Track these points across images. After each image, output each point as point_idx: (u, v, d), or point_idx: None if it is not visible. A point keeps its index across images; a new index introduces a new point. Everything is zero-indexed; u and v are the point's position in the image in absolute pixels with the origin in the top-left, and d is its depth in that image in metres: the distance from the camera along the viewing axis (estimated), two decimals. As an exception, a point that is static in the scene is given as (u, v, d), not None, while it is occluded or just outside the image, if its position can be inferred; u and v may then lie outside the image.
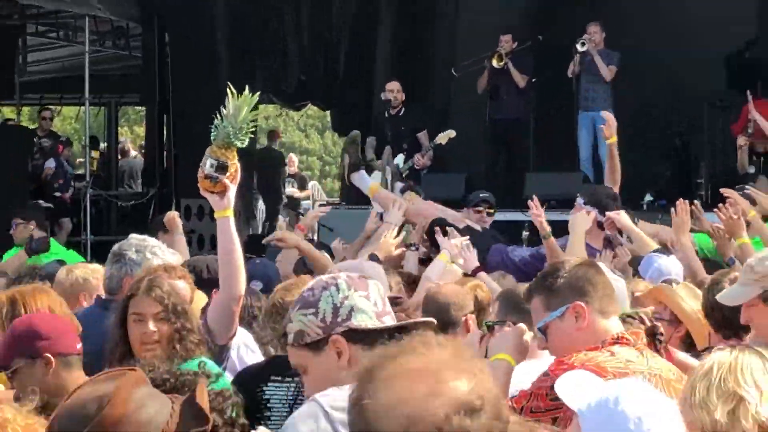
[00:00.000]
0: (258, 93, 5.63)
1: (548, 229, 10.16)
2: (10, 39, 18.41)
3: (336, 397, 3.78)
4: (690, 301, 6.93)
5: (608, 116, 11.92)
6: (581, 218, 9.58)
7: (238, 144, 5.42)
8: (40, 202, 16.12)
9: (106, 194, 20.04)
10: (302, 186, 25.88)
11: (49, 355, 5.40)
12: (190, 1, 18.47)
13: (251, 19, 18.85)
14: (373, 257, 9.14)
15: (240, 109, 5.39)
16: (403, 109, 17.79)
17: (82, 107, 22.00)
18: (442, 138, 16.99)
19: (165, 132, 19.43)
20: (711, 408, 4.19)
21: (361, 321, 3.93)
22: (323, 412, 3.85)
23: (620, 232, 11.32)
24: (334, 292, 3.96)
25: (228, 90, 5.43)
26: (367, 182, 14.88)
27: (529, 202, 10.47)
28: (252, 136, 5.58)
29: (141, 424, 3.11)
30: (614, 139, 11.88)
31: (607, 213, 10.22)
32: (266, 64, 19.78)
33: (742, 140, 16.20)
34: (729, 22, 18.56)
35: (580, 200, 11.68)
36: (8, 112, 22.11)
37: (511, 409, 4.25)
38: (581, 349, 4.99)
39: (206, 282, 6.15)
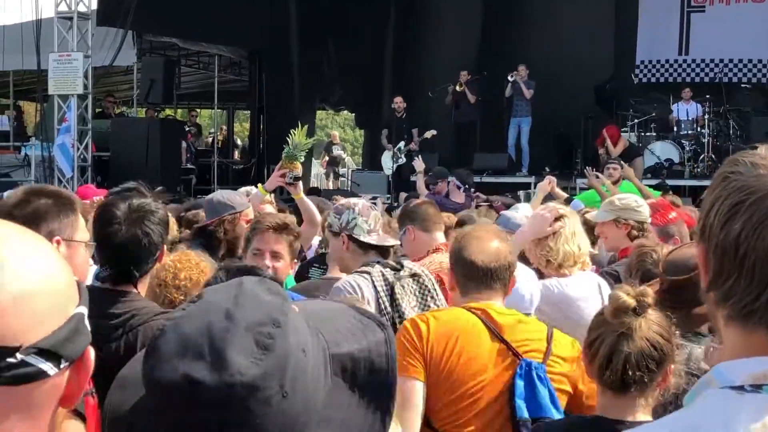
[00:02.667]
0: (306, 126, 5.81)
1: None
2: (171, 67, 18.28)
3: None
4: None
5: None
6: (542, 185, 8.90)
7: (300, 158, 5.57)
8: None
9: (226, 161, 19.87)
10: (343, 149, 25.19)
11: None
12: (276, 47, 18.32)
13: (312, 60, 18.62)
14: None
15: (299, 138, 5.54)
16: (404, 114, 17.90)
17: (212, 110, 21.59)
18: (428, 134, 17.41)
19: (261, 125, 19.24)
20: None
21: (356, 233, 4.14)
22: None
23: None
24: (350, 212, 4.18)
25: (298, 125, 5.62)
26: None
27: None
28: (307, 151, 5.73)
29: None
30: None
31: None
32: (321, 85, 19.41)
33: (601, 150, 16.37)
34: (598, 65, 19.09)
35: (452, 178, 11.67)
36: (170, 111, 21.96)
37: None
38: (420, 255, 4.68)
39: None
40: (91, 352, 1.11)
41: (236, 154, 24.30)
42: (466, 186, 11.73)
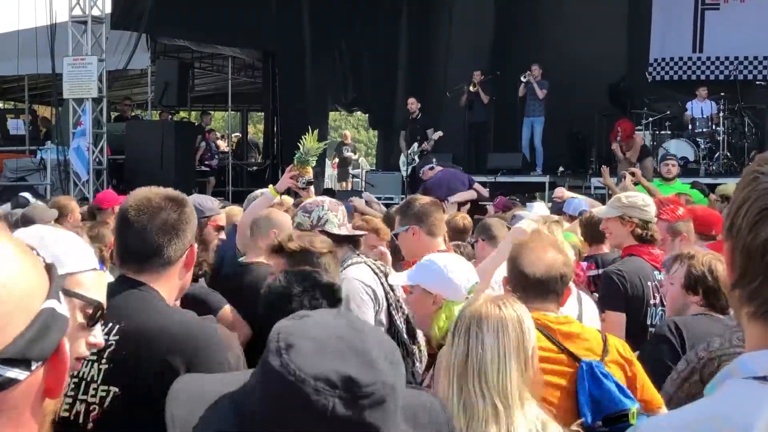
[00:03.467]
0: (317, 131, 5.83)
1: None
2: (186, 70, 18.33)
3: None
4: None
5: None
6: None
7: (312, 163, 5.71)
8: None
9: (240, 163, 19.95)
10: (354, 151, 24.94)
11: None
12: (290, 49, 18.37)
13: (325, 60, 18.66)
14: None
15: (310, 143, 5.67)
16: (419, 115, 17.87)
17: (226, 112, 21.69)
18: (435, 136, 17.44)
19: (275, 127, 19.30)
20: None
21: (329, 228, 4.34)
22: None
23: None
24: (320, 209, 4.42)
25: (309, 129, 5.74)
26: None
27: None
28: (318, 156, 5.84)
29: None
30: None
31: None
32: (334, 86, 19.44)
33: (614, 145, 16.12)
34: (611, 64, 19.00)
35: (423, 168, 12.93)
36: (183, 114, 22.03)
37: None
38: (417, 258, 4.64)
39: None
40: (66, 343, 1.09)
41: (257, 156, 24.34)
42: (432, 163, 13.06)
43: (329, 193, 16.56)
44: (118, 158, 17.09)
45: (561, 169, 17.90)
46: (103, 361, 2.50)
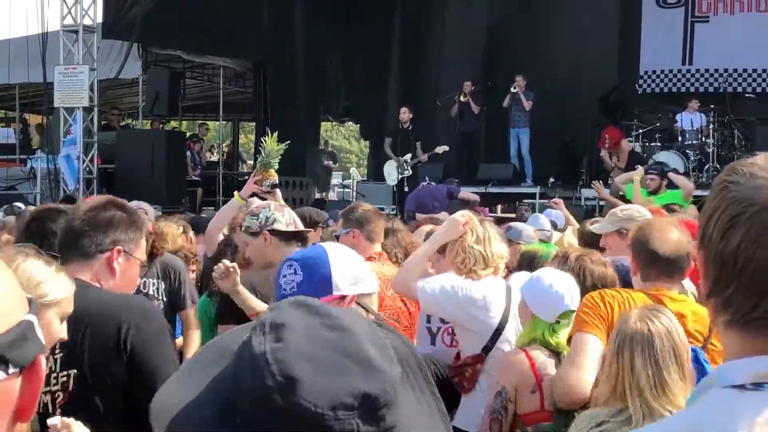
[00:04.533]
0: (277, 132, 6.00)
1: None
2: (177, 79, 18.34)
3: None
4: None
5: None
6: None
7: (274, 165, 5.86)
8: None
9: (231, 172, 19.90)
10: (334, 160, 24.66)
11: None
12: (281, 59, 18.34)
13: (316, 71, 18.67)
14: None
15: (271, 146, 5.87)
16: (410, 125, 17.57)
17: (217, 122, 21.64)
18: (439, 150, 17.03)
19: (266, 137, 19.15)
20: None
21: (277, 226, 4.49)
22: None
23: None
24: (267, 210, 4.55)
25: (267, 136, 5.92)
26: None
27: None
28: (279, 159, 5.92)
29: None
30: None
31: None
32: (325, 96, 19.46)
33: (603, 152, 16.23)
34: (602, 74, 19.08)
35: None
36: (175, 123, 22.02)
37: None
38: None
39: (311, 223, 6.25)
40: (43, 362, 1.08)
41: (244, 167, 24.31)
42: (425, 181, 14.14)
43: (319, 203, 16.53)
44: (109, 167, 17.06)
45: (551, 180, 17.93)
46: (57, 351, 2.66)
